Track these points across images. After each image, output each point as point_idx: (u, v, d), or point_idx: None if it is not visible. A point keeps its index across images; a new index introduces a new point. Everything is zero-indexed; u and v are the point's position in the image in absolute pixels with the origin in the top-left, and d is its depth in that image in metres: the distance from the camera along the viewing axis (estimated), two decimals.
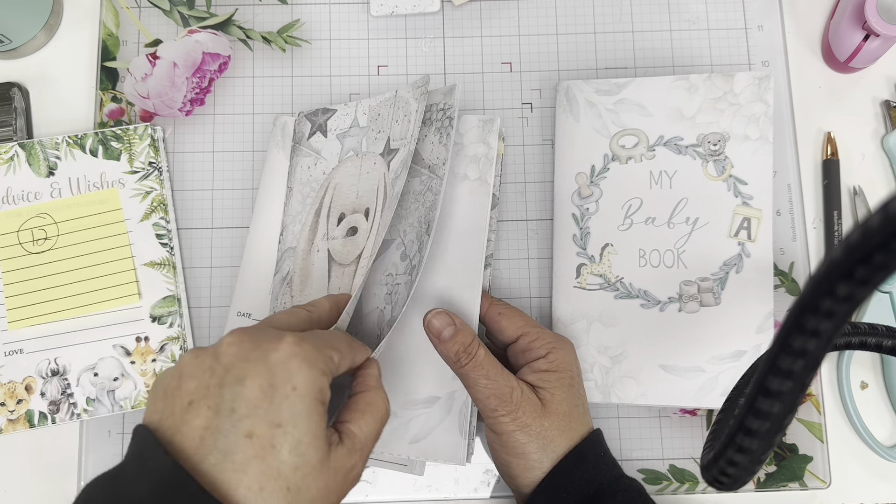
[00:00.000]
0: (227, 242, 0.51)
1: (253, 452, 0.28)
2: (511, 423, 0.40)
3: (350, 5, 0.54)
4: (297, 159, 0.49)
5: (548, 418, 0.41)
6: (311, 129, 0.49)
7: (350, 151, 0.48)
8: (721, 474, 0.27)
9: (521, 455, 0.41)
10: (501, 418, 0.40)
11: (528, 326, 0.43)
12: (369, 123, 0.48)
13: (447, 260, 0.45)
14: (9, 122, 0.51)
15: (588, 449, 0.41)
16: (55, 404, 0.48)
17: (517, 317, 0.44)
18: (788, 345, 0.22)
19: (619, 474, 0.42)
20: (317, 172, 0.48)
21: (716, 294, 0.47)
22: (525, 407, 0.40)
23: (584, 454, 0.41)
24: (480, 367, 0.41)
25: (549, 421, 0.41)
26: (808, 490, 0.48)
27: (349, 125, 0.49)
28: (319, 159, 0.49)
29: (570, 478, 0.40)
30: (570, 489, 0.40)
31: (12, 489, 0.48)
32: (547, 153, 0.52)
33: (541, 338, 0.43)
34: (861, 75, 0.53)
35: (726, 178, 0.48)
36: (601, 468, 0.41)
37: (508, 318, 0.44)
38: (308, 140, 0.49)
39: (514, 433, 0.40)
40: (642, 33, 0.54)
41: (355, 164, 0.47)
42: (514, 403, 0.40)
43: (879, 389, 0.50)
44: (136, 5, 0.54)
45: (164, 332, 0.49)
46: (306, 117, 0.50)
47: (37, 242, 0.50)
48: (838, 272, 0.19)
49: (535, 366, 0.42)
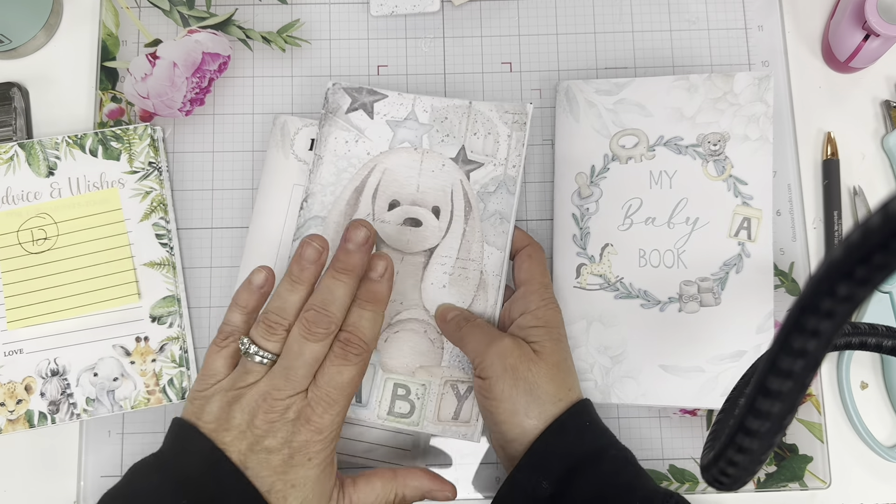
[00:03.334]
0: (227, 242, 0.51)
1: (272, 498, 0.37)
2: (499, 363, 0.41)
3: (350, 5, 0.54)
4: (329, 129, 0.49)
5: (536, 364, 0.41)
6: (352, 105, 0.49)
7: (405, 142, 0.49)
8: (721, 474, 0.27)
9: (507, 399, 0.40)
10: (491, 359, 0.41)
11: (536, 279, 0.45)
12: (432, 122, 0.49)
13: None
14: (9, 122, 0.51)
15: (569, 420, 0.40)
16: (55, 404, 0.48)
17: (536, 265, 0.45)
18: (788, 345, 0.22)
19: (605, 444, 0.41)
20: (358, 150, 0.49)
21: (716, 294, 0.47)
22: (513, 351, 0.41)
23: (564, 425, 0.40)
24: (477, 324, 0.44)
25: (536, 367, 0.41)
26: (808, 490, 0.48)
27: (404, 116, 0.49)
28: (362, 137, 0.49)
29: (553, 449, 0.39)
30: (552, 460, 0.39)
31: (12, 489, 0.48)
32: (547, 153, 0.52)
33: (538, 293, 0.44)
34: (861, 75, 0.53)
35: (726, 178, 0.48)
36: (586, 438, 0.40)
37: (529, 263, 0.45)
38: (347, 114, 0.49)
39: (502, 375, 0.40)
40: (642, 33, 0.54)
41: (413, 157, 0.48)
42: (503, 345, 0.41)
43: (879, 389, 0.50)
44: (136, 5, 0.54)
45: (164, 332, 0.49)
46: (345, 91, 0.50)
47: (37, 242, 0.50)
48: (838, 272, 0.19)
49: (522, 320, 0.43)
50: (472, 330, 0.44)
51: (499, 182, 0.48)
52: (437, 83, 0.53)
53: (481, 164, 0.48)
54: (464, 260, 0.47)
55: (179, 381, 0.49)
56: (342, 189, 0.48)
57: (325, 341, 0.38)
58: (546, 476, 0.39)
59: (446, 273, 0.47)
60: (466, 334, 0.44)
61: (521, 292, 0.45)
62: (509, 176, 0.48)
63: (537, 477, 0.39)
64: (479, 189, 0.48)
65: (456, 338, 0.45)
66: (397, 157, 0.49)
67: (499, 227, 0.47)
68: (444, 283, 0.47)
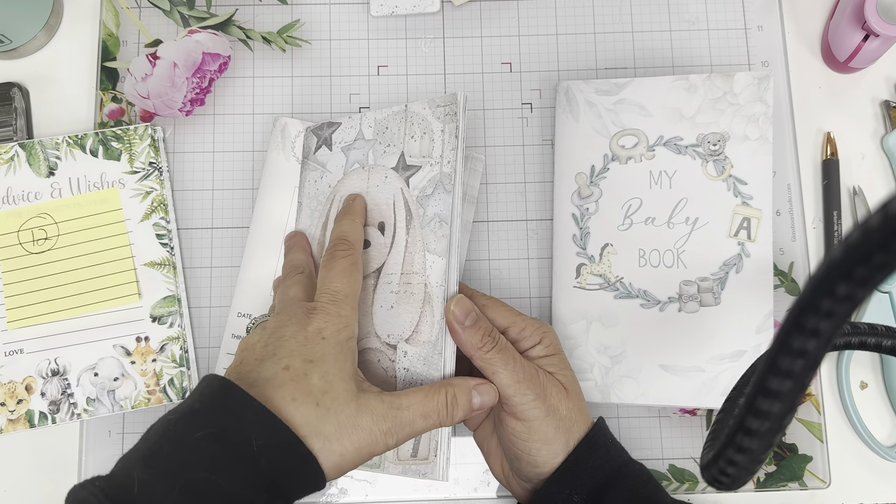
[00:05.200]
0: (227, 242, 0.51)
1: (289, 377, 0.35)
2: (541, 406, 0.40)
3: (350, 5, 0.54)
4: (305, 174, 0.49)
5: (571, 399, 0.41)
6: (317, 143, 0.49)
7: (355, 164, 0.47)
8: (721, 474, 0.27)
9: (551, 441, 0.40)
10: (531, 402, 0.40)
11: (514, 315, 0.43)
12: (375, 136, 0.47)
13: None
14: (9, 122, 0.51)
15: (598, 436, 0.41)
16: (55, 404, 0.48)
17: (502, 307, 0.43)
18: (788, 345, 0.22)
19: (628, 459, 0.42)
20: (322, 186, 0.48)
21: (715, 294, 0.47)
22: (551, 389, 0.41)
23: (595, 441, 0.41)
24: (506, 349, 0.40)
25: (571, 402, 0.41)
26: (807, 490, 0.48)
27: (354, 137, 0.48)
28: (325, 172, 0.48)
29: (585, 465, 0.40)
30: (583, 476, 0.40)
31: (12, 489, 0.48)
32: (547, 153, 0.52)
33: (529, 325, 0.43)
34: (861, 75, 0.53)
35: (726, 177, 0.48)
36: (612, 454, 0.41)
37: (494, 309, 0.43)
38: (314, 154, 0.49)
39: (546, 419, 0.40)
40: (642, 33, 0.54)
41: (362, 176, 0.47)
42: (542, 386, 0.40)
43: (879, 389, 0.50)
44: (136, 5, 0.54)
45: (164, 332, 0.49)
46: (312, 132, 0.50)
47: (37, 242, 0.50)
48: (838, 272, 0.19)
49: (532, 353, 0.42)
50: (506, 359, 0.40)
51: (435, 182, 0.44)
52: (437, 83, 0.53)
53: (419, 168, 0.45)
54: (408, 274, 0.44)
55: (180, 380, 0.49)
56: (314, 229, 0.48)
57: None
58: (577, 490, 0.40)
59: (393, 292, 0.44)
60: (499, 363, 0.40)
61: (513, 334, 0.43)
62: (444, 173, 0.44)
63: (569, 491, 0.40)
64: (417, 194, 0.45)
65: (482, 359, 0.40)
66: (349, 180, 0.47)
67: (439, 232, 0.43)
68: (392, 303, 0.43)
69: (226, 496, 0.32)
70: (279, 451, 0.33)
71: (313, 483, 0.35)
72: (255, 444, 0.33)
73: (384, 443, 0.36)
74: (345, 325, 0.38)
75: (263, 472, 0.33)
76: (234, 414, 0.33)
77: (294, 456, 0.34)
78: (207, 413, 0.34)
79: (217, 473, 0.32)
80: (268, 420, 0.33)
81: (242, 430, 0.33)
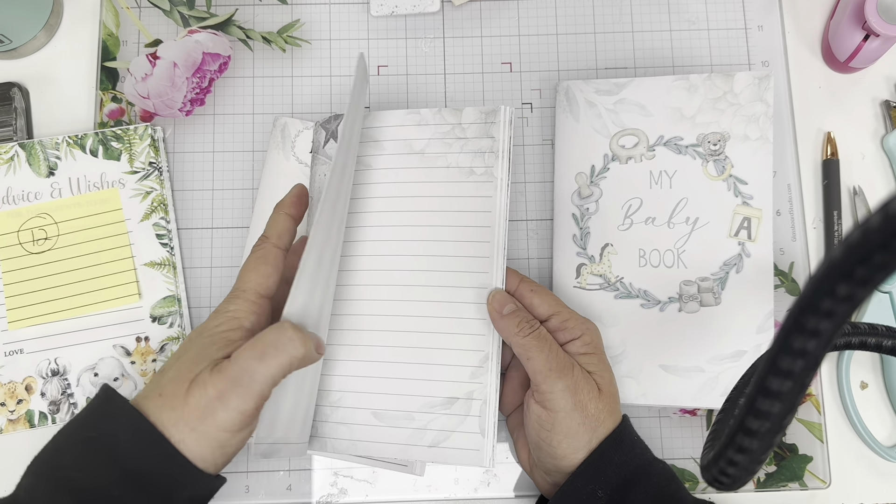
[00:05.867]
0: (227, 242, 0.51)
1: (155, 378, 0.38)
2: (570, 398, 0.40)
3: (350, 5, 0.54)
4: (315, 168, 0.49)
5: (602, 400, 0.41)
6: (326, 137, 0.49)
7: None
8: (721, 474, 0.27)
9: (573, 436, 0.40)
10: (560, 392, 0.40)
11: (560, 306, 0.43)
12: None
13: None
14: (9, 122, 0.51)
15: (624, 433, 0.41)
16: (55, 404, 0.48)
17: (548, 295, 0.44)
18: (788, 345, 0.22)
19: (651, 458, 0.42)
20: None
21: (716, 294, 0.47)
22: (583, 386, 0.41)
23: (621, 438, 0.41)
24: (544, 337, 0.41)
25: (602, 403, 0.41)
26: (807, 490, 0.48)
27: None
28: (330, 164, 0.48)
29: (610, 461, 0.40)
30: (608, 471, 0.40)
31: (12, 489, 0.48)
32: (547, 153, 0.52)
33: (573, 318, 0.43)
34: (861, 75, 0.53)
35: (726, 177, 0.48)
36: (636, 452, 0.41)
37: (540, 296, 0.43)
38: (324, 148, 0.49)
39: (571, 412, 0.40)
40: (642, 33, 0.54)
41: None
42: (574, 378, 0.40)
43: (879, 389, 0.50)
44: (136, 5, 0.54)
45: (164, 332, 0.49)
46: (321, 126, 0.50)
47: (37, 242, 0.50)
48: (838, 272, 0.19)
49: (571, 347, 0.42)
50: (541, 346, 0.41)
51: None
52: (437, 83, 0.53)
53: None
54: None
55: None
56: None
57: None
58: (602, 486, 0.40)
59: None
60: (534, 348, 0.40)
61: (555, 324, 0.43)
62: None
63: (593, 486, 0.40)
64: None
65: (519, 345, 0.41)
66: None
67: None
68: None
69: (97, 494, 0.34)
70: (145, 450, 0.35)
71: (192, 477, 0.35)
72: (122, 444, 0.35)
73: (224, 408, 0.34)
74: (229, 318, 0.39)
75: (131, 471, 0.35)
76: (112, 418, 0.36)
77: (161, 452, 0.35)
78: (88, 419, 0.37)
79: (86, 472, 0.34)
80: (134, 419, 0.35)
81: (115, 432, 0.35)
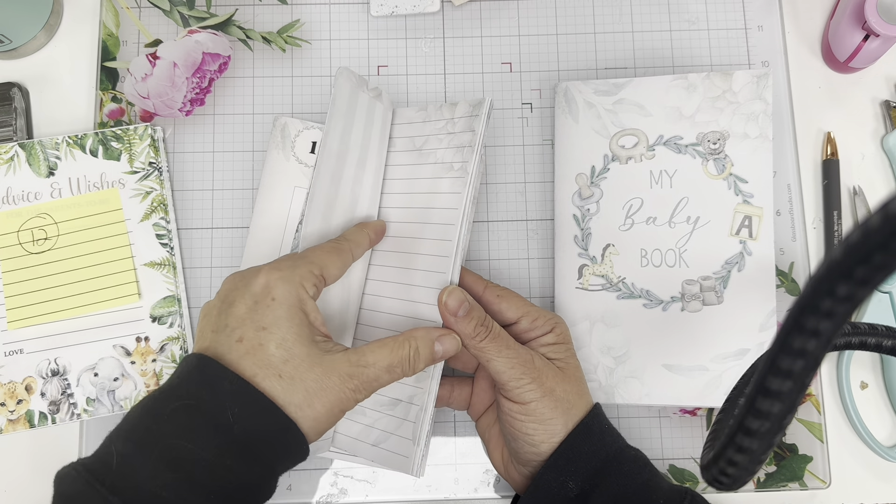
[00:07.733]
0: (227, 242, 0.51)
1: (244, 350, 0.35)
2: (537, 389, 0.40)
3: (350, 5, 0.54)
4: None
5: (568, 382, 0.42)
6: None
7: None
8: (721, 474, 0.27)
9: (547, 421, 0.41)
10: (527, 386, 0.40)
11: (528, 306, 0.44)
12: None
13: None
14: (9, 122, 0.51)
15: (592, 422, 0.42)
16: (55, 404, 0.48)
17: (515, 298, 0.44)
18: (788, 345, 0.22)
19: (623, 445, 0.42)
20: None
21: (718, 293, 0.47)
22: (547, 373, 0.41)
23: (590, 428, 0.41)
24: (499, 337, 0.41)
25: (569, 385, 0.42)
26: (807, 490, 0.48)
27: None
28: None
29: (579, 451, 0.40)
30: (578, 462, 0.40)
31: (12, 489, 0.48)
32: (547, 153, 0.52)
33: (542, 316, 0.43)
34: (861, 75, 0.53)
35: (726, 176, 0.48)
36: (606, 440, 0.42)
37: (508, 300, 0.44)
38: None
39: (542, 399, 0.41)
40: (642, 33, 0.54)
41: None
42: (537, 370, 0.41)
43: (879, 389, 0.50)
44: (136, 5, 0.54)
45: (164, 332, 0.49)
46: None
47: (37, 242, 0.50)
48: (838, 272, 0.19)
49: (542, 340, 0.43)
50: (499, 347, 0.41)
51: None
52: (437, 83, 0.53)
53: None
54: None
55: None
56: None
57: None
58: (572, 477, 0.40)
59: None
60: (492, 351, 0.41)
61: (525, 325, 0.43)
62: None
63: (564, 477, 0.40)
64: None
65: (477, 348, 0.41)
66: None
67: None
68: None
69: (201, 462, 0.33)
70: (255, 419, 0.34)
71: (298, 449, 0.36)
72: (229, 413, 0.33)
73: (353, 399, 0.37)
74: (298, 283, 0.38)
75: (237, 440, 0.33)
76: (210, 385, 0.34)
77: (272, 423, 0.34)
78: (184, 387, 0.35)
79: (191, 441, 0.33)
80: (242, 389, 0.34)
81: (217, 400, 0.34)
